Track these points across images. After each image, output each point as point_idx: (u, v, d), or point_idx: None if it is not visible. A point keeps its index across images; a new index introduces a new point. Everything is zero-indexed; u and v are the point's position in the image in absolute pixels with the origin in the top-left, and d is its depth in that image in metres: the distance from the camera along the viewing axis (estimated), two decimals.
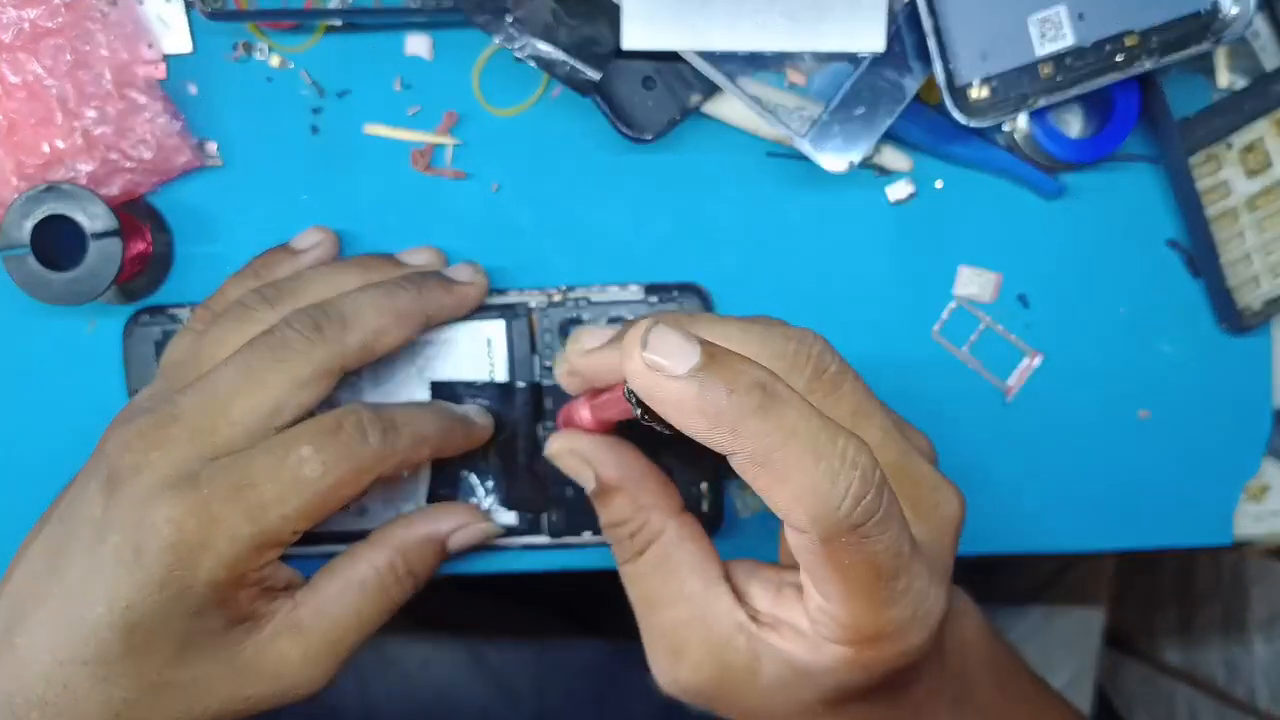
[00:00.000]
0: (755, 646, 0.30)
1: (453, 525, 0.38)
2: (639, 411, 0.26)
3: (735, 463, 0.25)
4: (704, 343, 0.24)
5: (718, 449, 0.25)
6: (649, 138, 0.40)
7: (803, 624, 0.29)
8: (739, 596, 0.31)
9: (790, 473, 0.24)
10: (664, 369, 0.24)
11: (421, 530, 0.37)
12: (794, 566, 0.30)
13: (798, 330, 0.30)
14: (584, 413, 0.33)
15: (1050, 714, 0.39)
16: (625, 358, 0.24)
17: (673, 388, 0.24)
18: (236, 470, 0.32)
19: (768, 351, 0.29)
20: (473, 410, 0.39)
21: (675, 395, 0.24)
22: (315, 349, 0.33)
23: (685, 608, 0.30)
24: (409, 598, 0.37)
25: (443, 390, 0.39)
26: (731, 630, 0.30)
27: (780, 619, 0.30)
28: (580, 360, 0.32)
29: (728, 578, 0.31)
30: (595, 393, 0.33)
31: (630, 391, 0.26)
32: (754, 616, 0.30)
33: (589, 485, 0.31)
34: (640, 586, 0.31)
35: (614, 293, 0.40)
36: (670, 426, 0.25)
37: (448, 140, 0.41)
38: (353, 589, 0.35)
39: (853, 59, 0.38)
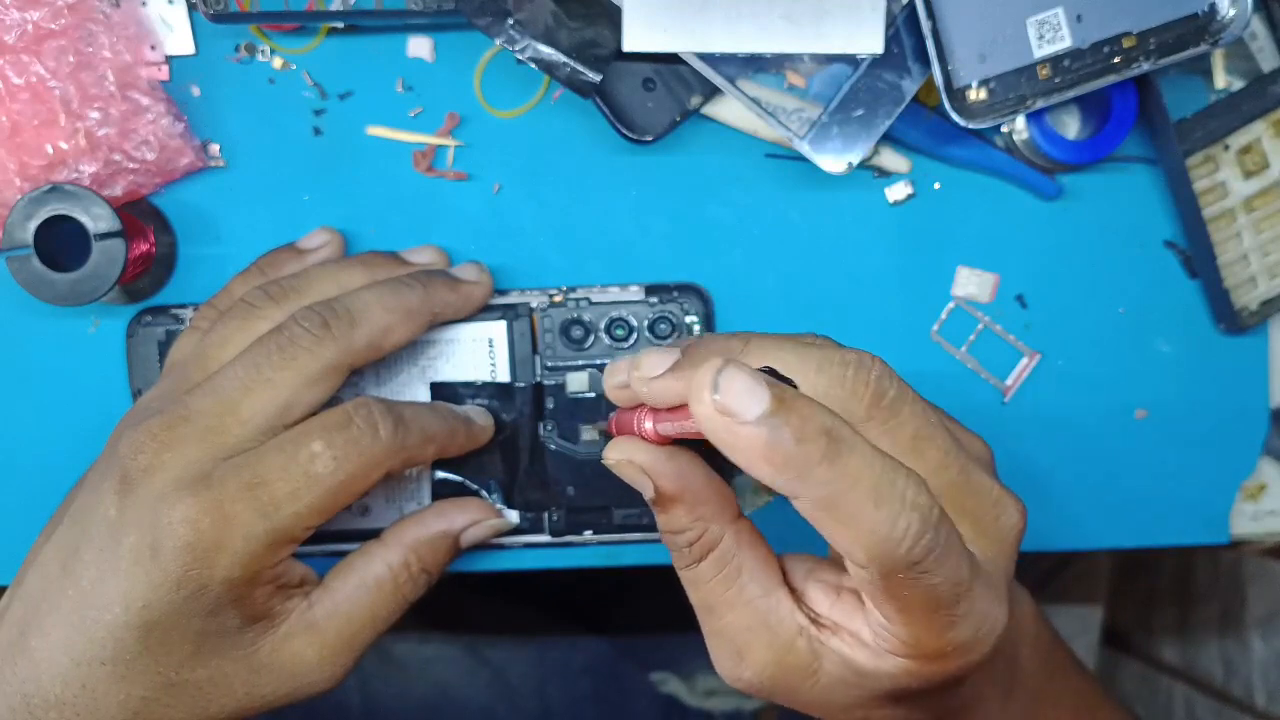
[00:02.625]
0: (816, 648, 0.30)
1: (466, 522, 0.38)
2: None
3: (799, 505, 0.25)
4: (772, 385, 0.25)
5: (782, 491, 0.25)
6: (649, 139, 0.40)
7: (864, 634, 0.29)
8: (798, 598, 0.31)
9: (852, 517, 0.25)
10: (734, 414, 0.24)
11: (435, 528, 0.37)
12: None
13: (855, 354, 0.29)
14: (647, 425, 0.33)
15: (1091, 698, 0.39)
16: (694, 400, 0.25)
17: (742, 433, 0.24)
18: (248, 469, 0.32)
19: (825, 379, 0.28)
20: (474, 411, 0.39)
21: (745, 441, 0.24)
22: (323, 346, 0.33)
23: (746, 613, 0.30)
24: (422, 594, 0.37)
25: (443, 391, 0.40)
26: (793, 634, 0.30)
27: (840, 624, 0.30)
28: (643, 387, 0.32)
29: (785, 579, 0.31)
30: (656, 411, 0.33)
31: None
32: (814, 619, 0.30)
33: (647, 494, 0.31)
34: (700, 592, 0.31)
35: (614, 293, 0.40)
36: None
37: (449, 142, 0.41)
38: (367, 588, 0.35)
39: (852, 61, 0.38)
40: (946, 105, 0.37)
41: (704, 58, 0.38)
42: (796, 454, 0.24)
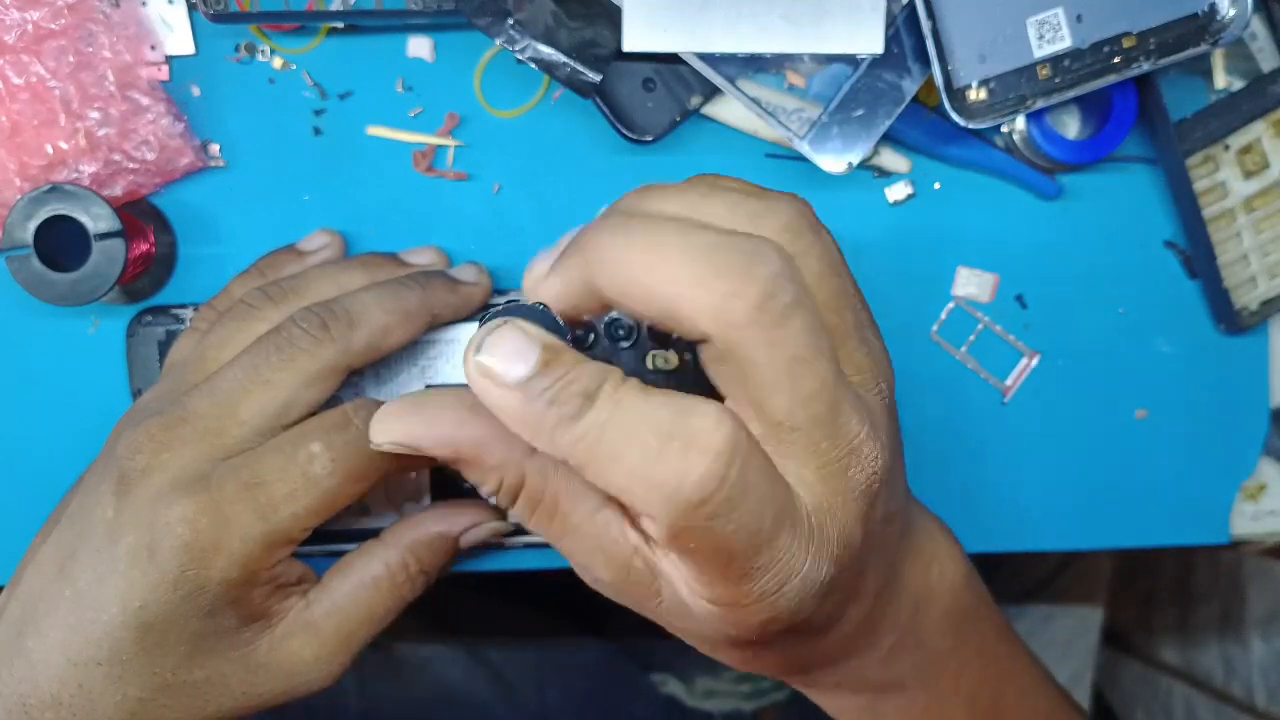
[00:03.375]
0: (653, 568, 0.29)
1: (466, 523, 0.38)
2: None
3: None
4: (546, 345, 0.24)
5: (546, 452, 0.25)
6: (649, 139, 0.40)
7: (672, 573, 0.28)
8: (632, 517, 0.29)
9: (611, 473, 0.25)
10: (495, 376, 0.24)
11: (434, 529, 0.37)
12: None
13: (754, 241, 0.26)
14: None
15: (1007, 664, 0.37)
16: (465, 361, 0.25)
17: (497, 395, 0.24)
18: (247, 470, 0.32)
19: (710, 267, 0.25)
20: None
21: (500, 403, 0.25)
22: (322, 347, 0.33)
23: (578, 538, 0.29)
24: (420, 595, 0.37)
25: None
26: (627, 555, 0.29)
27: (658, 559, 0.29)
28: (534, 288, 0.29)
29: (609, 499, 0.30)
30: None
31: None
32: (648, 538, 0.29)
33: (442, 456, 0.30)
34: (535, 530, 0.30)
35: None
36: None
37: (449, 142, 0.41)
38: (365, 588, 0.35)
39: (852, 61, 0.38)
40: (946, 105, 0.37)
41: (704, 58, 0.38)
42: (545, 418, 0.24)
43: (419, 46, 0.40)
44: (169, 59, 0.40)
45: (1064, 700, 0.39)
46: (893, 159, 0.42)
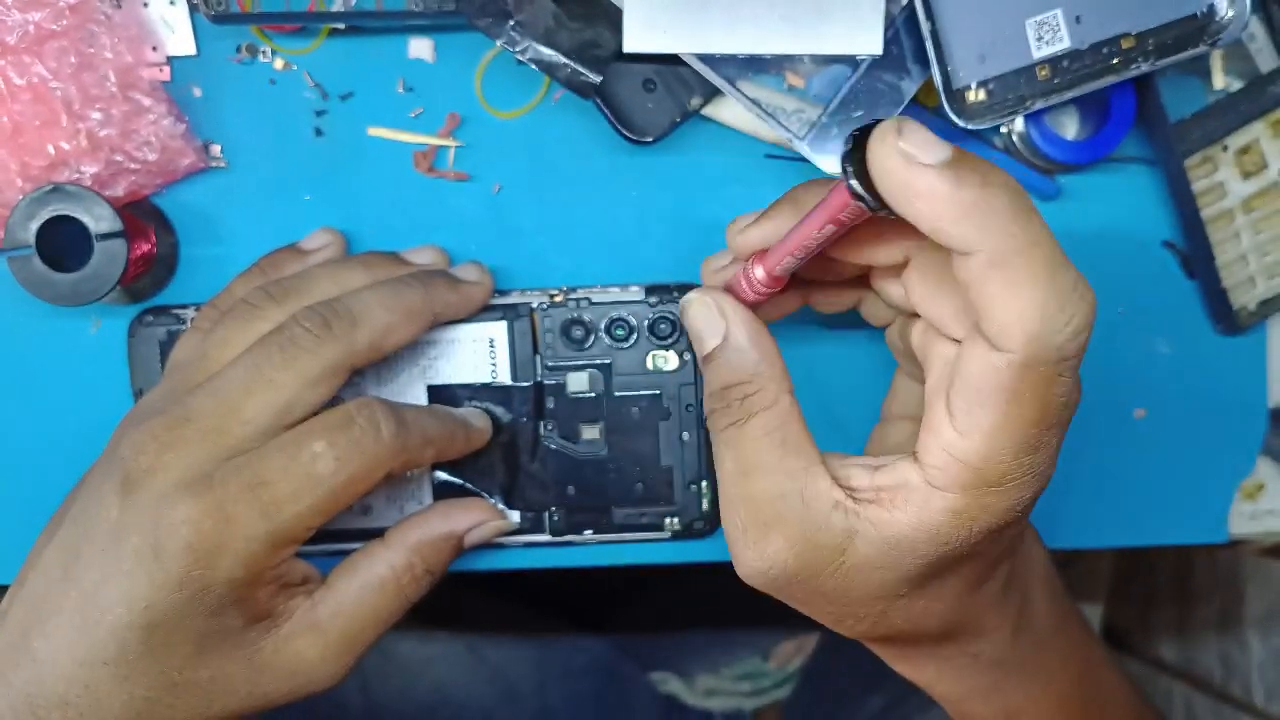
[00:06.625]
0: (852, 523, 0.29)
1: (469, 523, 0.38)
2: (863, 202, 0.26)
3: (967, 266, 0.25)
4: (951, 146, 0.25)
5: (952, 245, 0.25)
6: (650, 140, 0.40)
7: (914, 479, 0.28)
8: (835, 479, 0.30)
9: (1025, 284, 0.25)
10: (917, 157, 0.25)
11: (439, 529, 0.37)
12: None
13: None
14: (757, 272, 0.32)
15: (1097, 665, 0.39)
16: (876, 146, 0.25)
17: (928, 177, 0.25)
18: (250, 470, 0.32)
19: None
20: (471, 414, 0.39)
21: (929, 185, 0.25)
22: (325, 347, 0.33)
23: (785, 480, 0.29)
24: (424, 595, 0.37)
25: (440, 393, 0.40)
26: (828, 508, 0.29)
27: (883, 487, 0.29)
28: (739, 238, 0.31)
29: (823, 463, 0.30)
30: (761, 255, 0.32)
31: (856, 186, 0.26)
32: (851, 494, 0.29)
33: (714, 340, 0.30)
34: (741, 451, 0.30)
35: (615, 293, 0.40)
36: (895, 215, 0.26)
37: (450, 142, 0.41)
38: (371, 589, 0.35)
39: (851, 62, 0.39)
40: (946, 106, 0.37)
41: (704, 59, 0.38)
42: (982, 198, 0.24)
43: (420, 47, 0.41)
44: (170, 60, 0.40)
45: (1143, 696, 0.40)
46: None
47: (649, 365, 0.40)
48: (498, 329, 0.40)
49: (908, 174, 0.25)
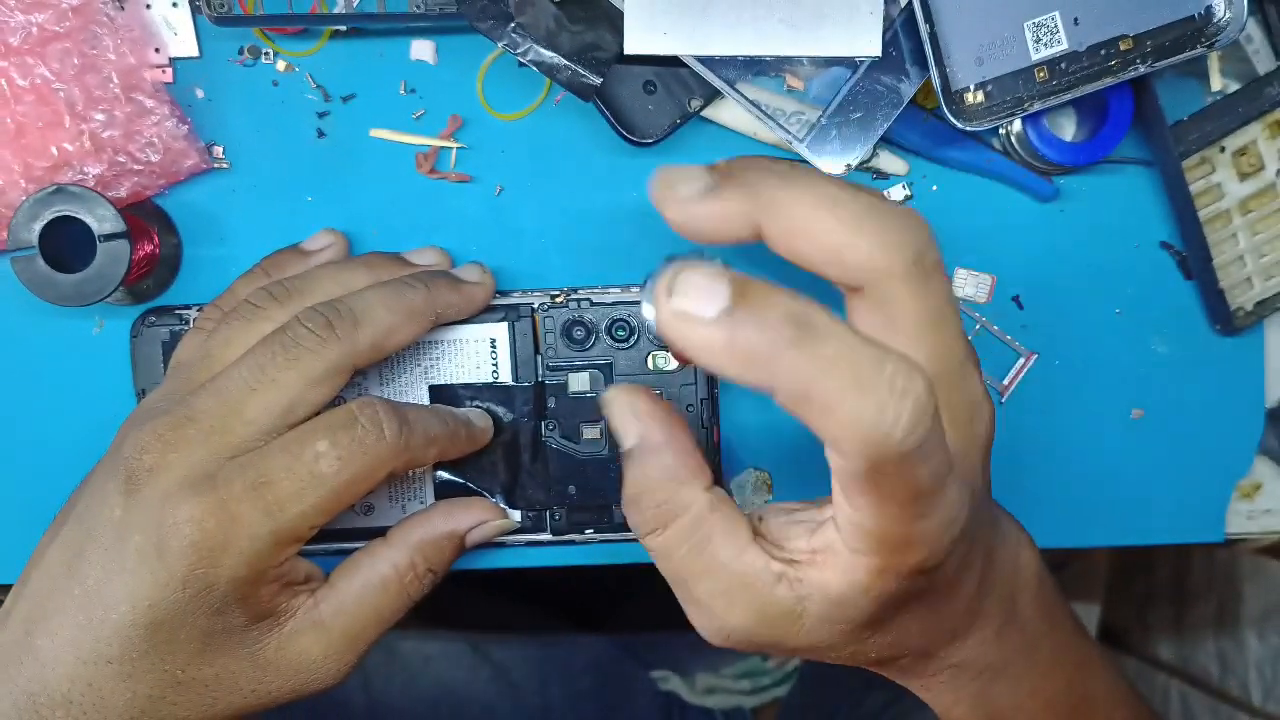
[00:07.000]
0: (797, 590, 0.29)
1: (471, 522, 0.38)
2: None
3: (778, 400, 0.24)
4: (734, 278, 0.24)
5: (757, 389, 0.24)
6: (650, 142, 0.40)
7: (836, 542, 0.28)
8: (772, 547, 0.30)
9: (833, 407, 0.24)
10: (694, 317, 0.23)
11: (442, 529, 0.38)
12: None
13: (904, 210, 0.28)
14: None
15: (1090, 666, 0.39)
16: (658, 310, 0.24)
17: (701, 334, 0.24)
18: (253, 469, 0.32)
19: (876, 222, 0.27)
20: (473, 414, 0.39)
21: (704, 341, 0.24)
22: (327, 347, 0.33)
23: (720, 578, 0.30)
24: (426, 593, 0.37)
25: (442, 393, 0.40)
26: (770, 584, 0.29)
27: (817, 550, 0.29)
28: (683, 214, 0.30)
29: (757, 532, 0.30)
30: None
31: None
32: (791, 561, 0.29)
33: (629, 442, 0.30)
34: (669, 562, 0.30)
35: (616, 294, 0.40)
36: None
37: (452, 144, 0.41)
38: (373, 587, 0.36)
39: (850, 64, 0.39)
40: (944, 108, 0.38)
41: (704, 61, 0.38)
42: (761, 345, 0.23)
43: (422, 49, 0.41)
44: (173, 61, 0.40)
45: (1139, 696, 0.40)
46: (890, 161, 0.42)
47: (650, 365, 0.40)
48: (499, 329, 0.40)
49: (685, 336, 0.24)
